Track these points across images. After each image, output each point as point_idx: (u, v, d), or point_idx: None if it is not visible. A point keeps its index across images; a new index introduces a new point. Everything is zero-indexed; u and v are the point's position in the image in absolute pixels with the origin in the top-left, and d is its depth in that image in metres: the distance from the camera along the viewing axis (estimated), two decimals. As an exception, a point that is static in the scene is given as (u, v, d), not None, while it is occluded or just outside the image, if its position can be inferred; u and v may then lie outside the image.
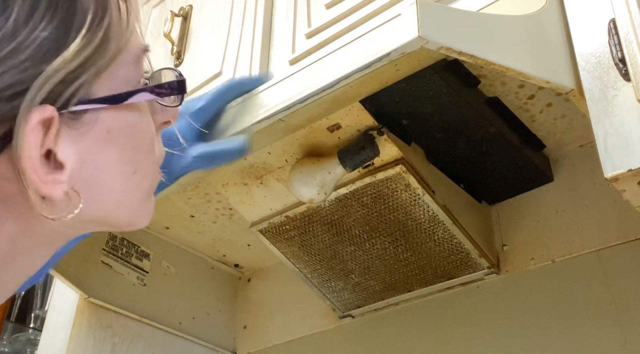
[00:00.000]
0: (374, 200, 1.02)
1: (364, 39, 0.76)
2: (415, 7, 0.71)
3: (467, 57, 0.72)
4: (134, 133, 0.44)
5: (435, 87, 0.91)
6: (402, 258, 1.09)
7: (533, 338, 1.02)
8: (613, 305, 0.97)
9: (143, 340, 1.23)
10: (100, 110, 0.41)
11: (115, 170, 0.44)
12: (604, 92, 0.70)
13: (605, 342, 0.95)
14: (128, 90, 0.43)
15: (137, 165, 0.45)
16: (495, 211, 1.13)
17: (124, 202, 0.45)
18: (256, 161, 1.04)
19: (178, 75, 0.46)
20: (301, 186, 0.97)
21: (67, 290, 1.20)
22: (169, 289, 1.28)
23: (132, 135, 0.44)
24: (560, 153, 1.10)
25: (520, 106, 1.01)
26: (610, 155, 0.67)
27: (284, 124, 0.86)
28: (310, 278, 1.17)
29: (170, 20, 1.33)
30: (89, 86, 0.41)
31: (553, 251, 1.05)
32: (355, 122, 0.95)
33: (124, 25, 0.43)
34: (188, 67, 1.29)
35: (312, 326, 1.27)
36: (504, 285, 1.08)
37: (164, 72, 0.46)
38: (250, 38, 1.19)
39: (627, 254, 0.98)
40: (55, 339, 1.20)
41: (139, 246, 1.25)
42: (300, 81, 0.81)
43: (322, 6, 1.11)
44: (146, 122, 0.46)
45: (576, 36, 0.76)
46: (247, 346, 1.34)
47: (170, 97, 0.46)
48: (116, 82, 0.42)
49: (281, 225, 1.10)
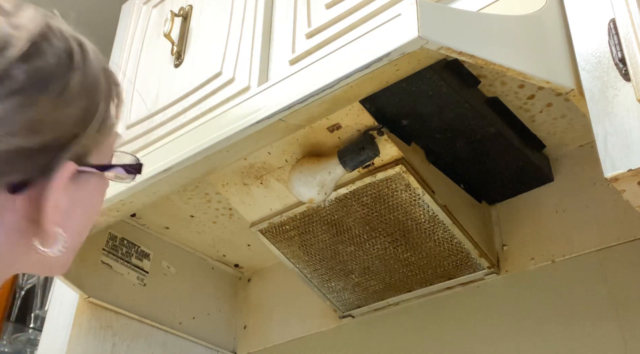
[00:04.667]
0: (374, 200, 1.02)
1: (364, 39, 0.76)
2: (415, 7, 0.71)
3: (467, 57, 0.72)
4: (101, 196, 0.56)
5: (435, 87, 0.91)
6: (402, 258, 1.09)
7: (533, 338, 1.02)
8: (613, 305, 0.97)
9: (143, 340, 1.23)
10: (92, 174, 0.53)
11: (79, 225, 0.54)
12: (604, 92, 0.70)
13: (605, 342, 0.95)
14: (111, 163, 0.56)
15: (91, 223, 0.56)
16: (495, 211, 1.13)
17: (71, 253, 0.55)
18: (256, 161, 1.04)
19: (136, 160, 0.58)
20: (301, 186, 0.97)
21: (67, 290, 1.20)
22: (169, 289, 1.28)
23: (100, 198, 0.56)
24: (560, 153, 1.10)
25: (520, 106, 1.01)
26: (610, 155, 0.67)
27: (284, 124, 0.86)
28: (310, 278, 1.17)
29: (170, 20, 1.33)
30: (90, 155, 0.52)
31: (553, 251, 1.05)
32: (355, 122, 0.95)
33: (116, 116, 0.56)
34: (188, 67, 1.29)
35: (312, 326, 1.27)
36: (504, 285, 1.08)
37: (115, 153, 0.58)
38: (250, 38, 1.19)
39: (627, 254, 0.98)
40: (55, 339, 1.20)
41: (139, 246, 1.25)
42: (300, 81, 0.81)
43: (322, 6, 1.11)
44: (106, 186, 0.57)
45: (576, 36, 0.76)
46: (247, 346, 1.34)
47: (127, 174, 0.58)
48: (102, 155, 0.54)
49: (281, 225, 1.10)
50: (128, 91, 1.42)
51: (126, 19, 1.58)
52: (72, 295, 1.20)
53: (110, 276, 1.20)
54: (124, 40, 1.53)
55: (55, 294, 1.30)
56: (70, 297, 1.21)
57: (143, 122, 1.31)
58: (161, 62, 1.36)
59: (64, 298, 1.24)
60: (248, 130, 0.85)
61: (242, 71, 1.17)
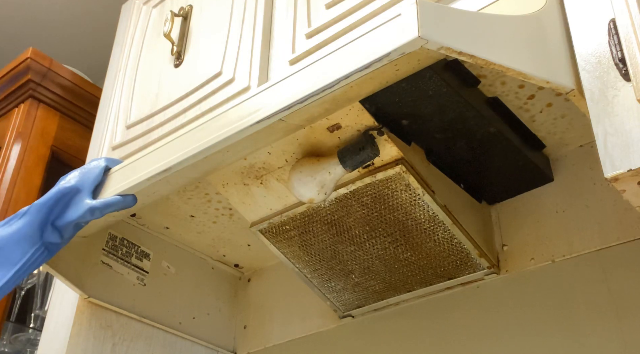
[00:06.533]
0: (374, 200, 1.02)
1: (364, 39, 0.76)
2: (415, 7, 0.71)
3: (467, 57, 0.72)
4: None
5: (435, 87, 0.91)
6: (402, 258, 1.09)
7: (533, 338, 1.02)
8: (613, 305, 0.97)
9: (143, 340, 1.23)
10: None
11: None
12: (604, 92, 0.70)
13: (605, 342, 0.95)
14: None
15: None
16: (495, 211, 1.13)
17: None
18: (256, 161, 1.04)
19: None
20: (301, 186, 0.97)
21: (67, 290, 1.20)
22: (169, 289, 1.28)
23: None
24: (560, 153, 1.10)
25: (520, 106, 1.01)
26: (610, 155, 0.67)
27: (284, 124, 0.86)
28: (310, 278, 1.17)
29: (170, 20, 1.33)
30: None
31: (553, 251, 1.05)
32: (355, 122, 0.95)
33: None
34: (188, 67, 1.29)
35: (312, 326, 1.27)
36: (504, 285, 1.08)
37: None
38: (250, 38, 1.19)
39: (627, 254, 0.98)
40: (55, 339, 1.20)
41: (139, 246, 1.25)
42: (300, 81, 0.81)
43: (322, 6, 1.11)
44: None
45: (576, 36, 0.76)
46: (247, 346, 1.34)
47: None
48: None
49: (281, 225, 1.10)
50: (128, 91, 1.42)
51: (126, 19, 1.59)
52: (72, 295, 1.20)
53: (110, 276, 1.20)
54: (124, 40, 1.53)
55: (55, 294, 1.30)
56: (70, 297, 1.21)
57: (143, 122, 1.32)
58: (161, 62, 1.36)
59: (64, 298, 1.24)
60: (248, 130, 0.85)
61: (242, 71, 1.17)
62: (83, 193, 0.99)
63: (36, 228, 0.98)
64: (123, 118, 1.37)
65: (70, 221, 0.98)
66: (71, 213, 0.99)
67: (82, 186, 1.00)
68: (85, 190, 0.99)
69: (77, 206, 0.98)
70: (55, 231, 0.98)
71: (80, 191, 0.99)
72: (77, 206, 0.98)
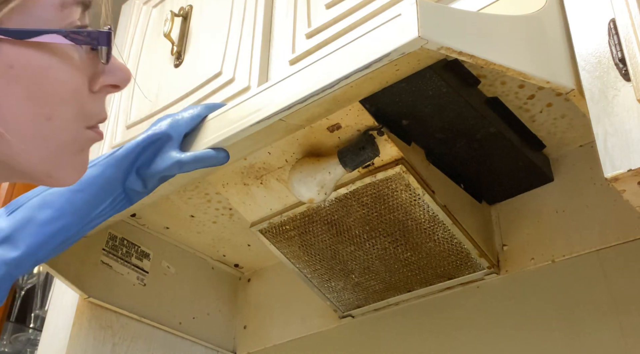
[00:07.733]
0: (374, 200, 1.02)
1: (364, 39, 0.76)
2: (415, 7, 0.71)
3: (467, 57, 0.72)
4: (44, 76, 0.43)
5: (435, 87, 0.91)
6: (402, 258, 1.09)
7: (533, 338, 1.02)
8: (613, 305, 0.97)
9: (143, 340, 1.23)
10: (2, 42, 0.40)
11: (21, 109, 0.42)
12: (604, 92, 0.70)
13: (605, 342, 0.95)
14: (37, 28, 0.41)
15: (51, 112, 0.44)
16: (495, 211, 1.13)
17: (35, 147, 0.44)
18: (256, 161, 1.04)
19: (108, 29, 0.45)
20: (301, 186, 0.97)
21: (67, 290, 1.20)
22: (169, 289, 1.28)
23: (41, 78, 0.43)
24: (560, 153, 1.10)
25: (520, 106, 1.01)
26: (610, 155, 0.67)
27: (284, 124, 0.86)
28: (310, 278, 1.17)
29: (170, 20, 1.33)
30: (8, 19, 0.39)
31: (553, 251, 1.05)
32: (355, 122, 0.95)
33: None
34: (188, 67, 1.29)
35: (312, 326, 1.27)
36: (504, 285, 1.08)
37: None
38: (250, 38, 1.19)
39: (627, 254, 0.98)
40: (55, 339, 1.20)
41: (139, 246, 1.25)
42: (300, 81, 0.81)
43: (322, 6, 1.11)
44: (65, 70, 0.44)
45: (576, 36, 0.76)
46: (247, 346, 1.34)
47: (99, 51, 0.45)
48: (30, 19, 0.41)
49: (281, 225, 1.10)
50: (128, 91, 1.42)
51: (126, 19, 1.59)
52: (72, 295, 1.20)
53: (110, 276, 1.20)
54: (124, 40, 1.53)
55: (55, 294, 1.30)
56: (70, 297, 1.21)
57: (143, 122, 1.32)
58: (161, 62, 1.36)
59: (64, 298, 1.24)
60: (248, 130, 0.85)
61: (242, 71, 1.17)
62: (174, 142, 0.89)
63: (121, 173, 0.88)
64: (123, 118, 1.37)
65: (155, 172, 0.88)
66: (158, 164, 0.88)
67: (174, 134, 0.89)
68: (176, 139, 0.89)
69: (165, 157, 0.88)
70: (139, 179, 0.88)
71: (171, 138, 0.89)
72: (165, 157, 0.88)
